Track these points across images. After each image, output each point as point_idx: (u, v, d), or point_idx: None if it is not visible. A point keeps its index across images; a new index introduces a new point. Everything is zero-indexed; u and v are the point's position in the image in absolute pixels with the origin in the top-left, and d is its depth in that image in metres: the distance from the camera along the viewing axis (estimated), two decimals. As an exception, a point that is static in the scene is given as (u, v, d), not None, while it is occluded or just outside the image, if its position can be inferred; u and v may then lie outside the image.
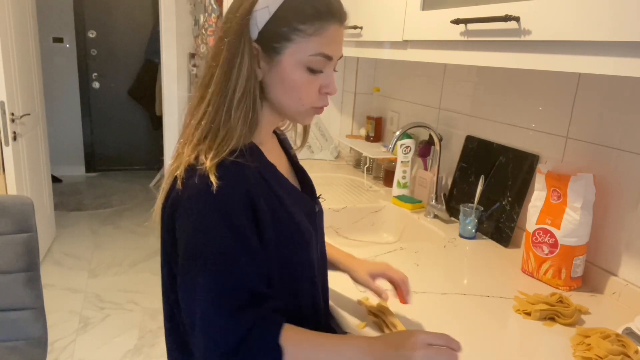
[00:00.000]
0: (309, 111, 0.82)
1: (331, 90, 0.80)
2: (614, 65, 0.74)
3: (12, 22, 2.60)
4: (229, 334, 0.69)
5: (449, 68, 1.75)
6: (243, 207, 0.73)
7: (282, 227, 0.80)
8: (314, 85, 0.79)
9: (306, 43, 0.75)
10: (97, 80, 4.91)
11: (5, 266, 1.40)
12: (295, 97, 0.79)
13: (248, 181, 0.75)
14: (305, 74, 0.77)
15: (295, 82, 0.77)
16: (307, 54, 0.76)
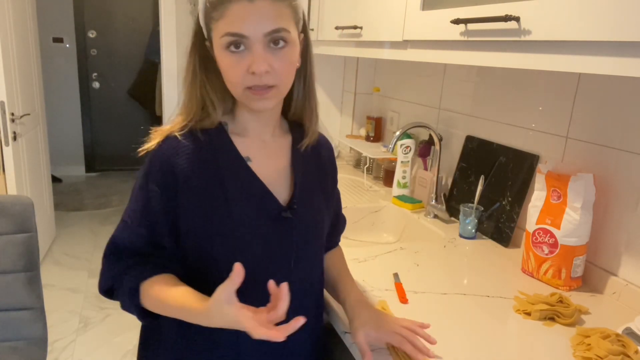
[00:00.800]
0: (245, 94, 0.81)
1: (255, 68, 0.78)
2: (614, 65, 0.74)
3: (12, 22, 2.60)
4: (102, 279, 0.87)
5: (449, 68, 1.75)
6: (158, 176, 0.82)
7: (210, 209, 0.83)
8: (240, 66, 0.79)
9: (217, 27, 0.79)
10: (97, 80, 4.91)
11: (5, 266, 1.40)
12: (228, 80, 0.82)
13: (176, 157, 0.82)
14: (229, 56, 0.79)
15: (223, 65, 0.81)
16: (219, 36, 0.79)
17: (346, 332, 0.94)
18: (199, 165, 0.83)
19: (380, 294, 1.09)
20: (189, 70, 0.86)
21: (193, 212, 0.83)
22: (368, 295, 1.07)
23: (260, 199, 0.86)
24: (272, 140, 0.92)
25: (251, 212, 0.85)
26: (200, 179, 0.83)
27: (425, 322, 0.97)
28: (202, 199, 0.83)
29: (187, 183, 0.82)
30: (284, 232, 0.87)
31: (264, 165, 0.88)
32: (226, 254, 0.83)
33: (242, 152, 0.87)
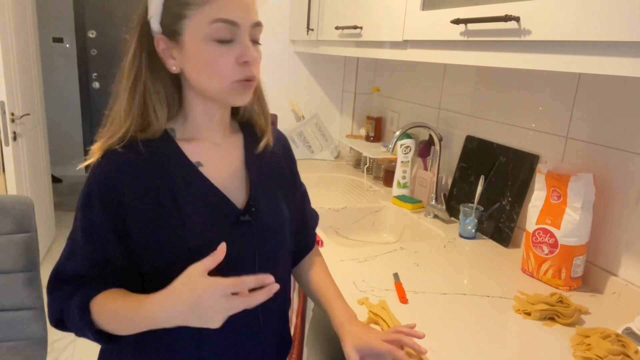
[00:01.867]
0: (233, 87, 0.77)
1: (249, 58, 0.74)
2: (614, 65, 0.74)
3: (12, 22, 2.60)
4: (50, 310, 0.80)
5: (449, 68, 1.75)
6: (101, 194, 0.76)
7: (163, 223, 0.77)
8: (229, 57, 0.74)
9: (201, 14, 0.73)
10: (97, 80, 4.91)
11: (5, 266, 1.40)
12: (212, 74, 0.76)
13: (119, 173, 0.76)
14: (215, 47, 0.74)
15: (207, 58, 0.74)
16: (206, 23, 0.73)
17: (346, 332, 0.94)
18: (145, 178, 0.77)
19: (380, 294, 1.09)
20: (132, 70, 0.78)
21: (144, 228, 0.77)
22: (367, 296, 1.07)
23: (216, 204, 0.81)
24: (224, 141, 0.87)
25: (207, 220, 0.79)
26: (148, 192, 0.77)
27: (425, 322, 0.98)
28: (152, 213, 0.77)
29: (134, 199, 0.76)
30: (244, 236, 0.82)
31: (217, 168, 0.83)
32: (182, 263, 0.74)
33: (191, 158, 0.81)
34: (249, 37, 0.76)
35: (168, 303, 0.68)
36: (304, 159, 2.39)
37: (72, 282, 0.79)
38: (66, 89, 4.82)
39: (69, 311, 0.77)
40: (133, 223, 0.77)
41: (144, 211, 0.77)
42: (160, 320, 0.69)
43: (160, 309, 0.69)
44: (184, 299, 0.67)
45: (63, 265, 0.80)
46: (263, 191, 0.87)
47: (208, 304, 0.66)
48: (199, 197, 0.80)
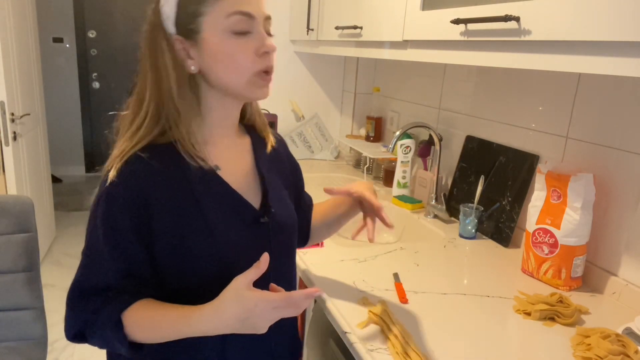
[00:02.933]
0: (253, 81, 0.77)
1: (268, 47, 0.76)
2: (614, 65, 0.74)
3: (12, 22, 2.60)
4: (70, 323, 0.78)
5: (449, 68, 1.75)
6: (127, 202, 0.74)
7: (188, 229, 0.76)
8: (248, 49, 0.75)
9: (219, 8, 0.74)
10: (97, 80, 4.91)
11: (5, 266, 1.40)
12: (234, 67, 0.76)
13: (144, 179, 0.75)
14: (233, 40, 0.75)
15: (227, 51, 0.75)
16: (223, 17, 0.74)
17: (346, 332, 0.94)
18: (168, 184, 0.77)
19: (380, 294, 1.09)
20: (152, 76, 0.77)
21: (170, 234, 0.77)
22: (368, 296, 1.07)
23: (235, 207, 0.82)
24: (234, 143, 0.88)
25: (230, 224, 0.80)
26: (172, 199, 0.77)
27: (426, 322, 0.98)
28: (177, 219, 0.77)
29: (159, 206, 0.76)
30: (262, 236, 0.84)
31: (232, 171, 0.84)
32: (209, 269, 0.78)
33: (209, 161, 0.81)
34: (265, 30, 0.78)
35: (218, 317, 0.70)
36: (304, 159, 2.39)
37: (98, 296, 0.77)
38: (66, 89, 4.82)
39: (95, 325, 0.76)
40: (159, 230, 0.76)
41: (169, 218, 0.76)
42: (207, 331, 0.71)
43: (209, 321, 0.70)
44: (235, 313, 0.69)
45: (85, 279, 0.78)
46: (274, 192, 0.89)
47: (260, 316, 0.69)
48: (220, 201, 0.81)
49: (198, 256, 0.78)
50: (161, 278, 0.80)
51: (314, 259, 1.24)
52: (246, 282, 0.69)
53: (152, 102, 0.78)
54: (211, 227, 0.78)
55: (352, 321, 0.97)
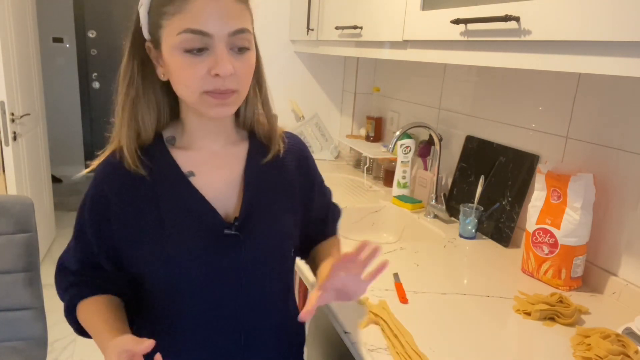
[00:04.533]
0: (203, 99, 0.74)
1: (220, 70, 0.71)
2: (614, 65, 0.74)
3: (12, 22, 2.60)
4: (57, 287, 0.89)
5: (449, 68, 1.75)
6: (92, 201, 0.82)
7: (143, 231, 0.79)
8: (199, 68, 0.72)
9: (172, 24, 0.71)
10: (97, 80, 4.91)
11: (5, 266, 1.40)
12: (183, 84, 0.74)
13: (108, 180, 0.80)
14: (185, 57, 0.72)
15: (177, 69, 0.73)
16: (175, 33, 0.71)
17: (346, 332, 0.94)
18: (131, 187, 0.79)
19: (380, 294, 1.09)
20: (125, 76, 0.78)
21: (127, 237, 0.79)
22: (367, 296, 1.07)
23: (200, 216, 0.79)
24: (224, 150, 0.85)
25: (189, 232, 0.78)
26: (132, 201, 0.78)
27: (426, 322, 0.98)
28: (135, 222, 0.78)
29: (119, 207, 0.79)
30: (230, 250, 0.79)
31: (211, 179, 0.82)
32: (165, 278, 0.78)
33: (185, 166, 0.81)
34: (228, 46, 0.72)
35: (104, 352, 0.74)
36: (304, 159, 2.39)
37: (68, 275, 0.87)
38: (66, 89, 4.82)
39: (64, 300, 0.87)
40: (116, 230, 0.80)
41: (127, 219, 0.79)
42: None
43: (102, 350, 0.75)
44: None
45: (63, 257, 0.89)
46: (260, 204, 0.84)
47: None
48: (183, 207, 0.79)
49: (151, 257, 0.78)
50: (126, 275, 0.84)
51: (314, 259, 1.24)
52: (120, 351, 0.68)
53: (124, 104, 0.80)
54: (166, 230, 0.78)
55: (352, 321, 0.97)
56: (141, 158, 0.80)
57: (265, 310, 0.86)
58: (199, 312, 0.81)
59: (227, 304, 0.82)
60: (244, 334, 0.84)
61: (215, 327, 0.83)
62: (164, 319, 0.83)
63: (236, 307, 0.82)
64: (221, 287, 0.81)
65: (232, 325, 0.83)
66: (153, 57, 0.78)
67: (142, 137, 0.81)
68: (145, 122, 0.81)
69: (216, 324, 0.82)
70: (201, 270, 0.79)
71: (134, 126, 0.80)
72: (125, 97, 0.79)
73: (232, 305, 0.82)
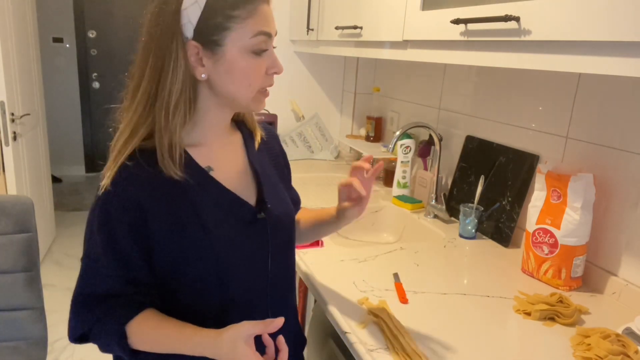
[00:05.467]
0: (257, 96, 0.81)
1: (278, 69, 0.80)
2: (614, 65, 0.74)
3: (12, 22, 2.60)
4: (72, 330, 0.81)
5: (449, 68, 1.75)
6: (122, 211, 0.76)
7: (184, 232, 0.78)
8: (261, 68, 0.79)
9: (245, 27, 0.75)
10: (97, 80, 4.91)
11: (5, 266, 1.40)
12: (245, 84, 0.79)
13: (137, 185, 0.76)
14: (252, 58, 0.77)
15: (244, 68, 0.77)
16: (248, 36, 0.76)
17: (346, 332, 0.94)
18: (161, 188, 0.78)
19: (380, 294, 1.09)
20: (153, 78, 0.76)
21: (166, 238, 0.78)
22: (367, 296, 1.07)
23: (231, 206, 0.83)
24: (226, 141, 0.89)
25: (225, 223, 0.81)
26: (166, 203, 0.78)
27: (426, 322, 0.98)
28: (172, 222, 0.78)
29: (154, 211, 0.77)
30: (259, 233, 0.85)
31: (226, 170, 0.85)
32: (208, 270, 0.80)
33: (201, 163, 0.83)
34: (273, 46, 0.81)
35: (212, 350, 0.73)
36: (304, 159, 2.39)
37: (98, 303, 0.80)
38: (66, 89, 4.82)
39: (100, 332, 0.79)
40: (155, 235, 0.78)
41: (165, 222, 0.78)
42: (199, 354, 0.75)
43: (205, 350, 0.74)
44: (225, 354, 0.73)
45: (87, 286, 0.81)
46: (269, 187, 0.90)
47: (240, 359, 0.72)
48: (215, 202, 0.82)
49: (196, 258, 0.79)
50: (162, 283, 0.81)
51: (314, 259, 1.24)
52: (246, 335, 0.71)
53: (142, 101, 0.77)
54: (207, 228, 0.79)
55: (352, 321, 0.97)
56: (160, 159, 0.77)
57: (285, 293, 0.93)
58: (240, 302, 0.84)
59: (259, 287, 0.86)
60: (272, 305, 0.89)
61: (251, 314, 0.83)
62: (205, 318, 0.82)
63: (265, 290, 0.88)
64: (255, 272, 0.85)
65: (261, 310, 0.88)
66: (192, 56, 0.76)
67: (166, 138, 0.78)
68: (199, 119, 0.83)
69: (251, 310, 0.86)
70: (238, 255, 0.82)
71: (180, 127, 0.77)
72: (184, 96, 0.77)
73: (261, 289, 0.87)
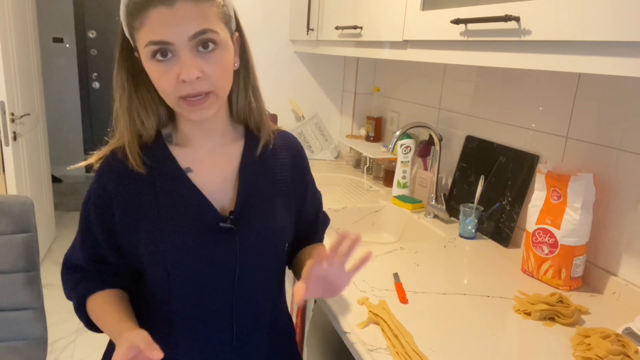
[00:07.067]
0: (180, 104, 0.76)
1: (184, 76, 0.72)
2: (614, 65, 0.74)
3: (12, 22, 2.60)
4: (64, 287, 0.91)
5: (449, 68, 1.75)
6: (96, 195, 0.84)
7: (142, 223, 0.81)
8: (170, 75, 0.73)
9: (139, 37, 0.74)
10: (97, 80, 4.92)
11: (5, 266, 1.40)
12: (160, 91, 0.78)
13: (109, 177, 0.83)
14: (156, 65, 0.74)
15: (152, 77, 0.77)
16: (142, 46, 0.74)
17: (346, 332, 0.94)
18: (132, 182, 0.82)
19: (380, 294, 1.09)
20: (117, 84, 0.82)
21: (128, 230, 0.82)
22: (367, 296, 1.07)
23: (197, 209, 0.81)
24: (220, 148, 0.87)
25: (184, 225, 0.80)
26: (133, 196, 0.82)
27: (426, 322, 0.98)
28: (135, 216, 0.81)
29: (120, 201, 0.82)
30: (226, 244, 0.81)
31: (208, 175, 0.84)
32: (160, 269, 0.81)
33: (183, 163, 0.83)
34: (193, 49, 0.73)
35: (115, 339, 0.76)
36: (304, 159, 2.39)
37: (74, 271, 0.89)
38: (66, 89, 4.82)
39: (71, 298, 0.89)
40: (119, 221, 0.83)
41: (128, 211, 0.82)
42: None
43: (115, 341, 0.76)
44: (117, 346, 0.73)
45: (70, 255, 0.91)
46: (256, 199, 0.85)
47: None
48: (180, 202, 0.82)
49: (148, 248, 0.81)
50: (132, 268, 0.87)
51: (314, 259, 1.24)
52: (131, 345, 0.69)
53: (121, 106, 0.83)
54: (164, 225, 0.81)
55: (352, 321, 0.97)
56: (142, 157, 0.82)
57: (257, 307, 0.88)
58: (193, 306, 0.84)
59: (221, 298, 0.84)
60: (236, 329, 0.86)
61: (208, 322, 0.84)
62: (159, 313, 0.85)
63: (229, 302, 0.84)
64: (215, 281, 0.83)
65: (224, 321, 0.85)
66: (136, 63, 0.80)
67: (144, 137, 0.84)
68: (145, 124, 0.84)
69: (209, 318, 0.84)
70: (196, 262, 0.81)
71: (134, 129, 0.83)
72: (121, 101, 0.82)
73: (225, 299, 0.84)
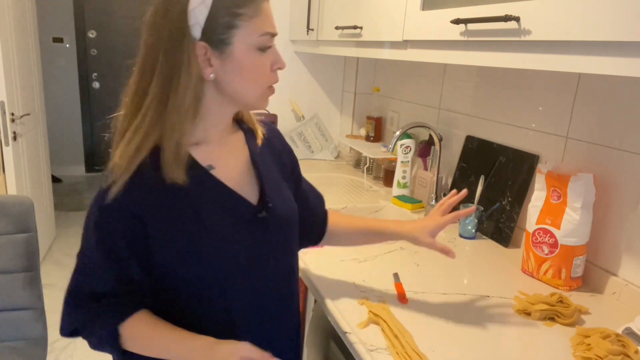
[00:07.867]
0: (265, 93, 0.83)
1: (281, 65, 0.82)
2: (614, 65, 0.74)
3: (12, 22, 2.60)
4: (64, 324, 0.82)
5: (449, 68, 1.75)
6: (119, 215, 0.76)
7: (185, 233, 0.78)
8: (267, 65, 0.80)
9: (251, 25, 0.76)
10: (97, 80, 4.91)
11: (5, 266, 1.40)
12: (253, 81, 0.80)
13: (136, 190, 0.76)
14: (258, 55, 0.78)
15: (252, 66, 0.79)
16: (256, 35, 0.77)
17: (346, 332, 0.94)
18: (161, 191, 0.77)
19: (380, 294, 1.09)
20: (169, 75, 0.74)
21: (165, 239, 0.78)
22: (367, 296, 1.08)
23: (232, 205, 0.83)
24: (228, 140, 0.88)
25: (226, 222, 0.81)
26: (165, 203, 0.77)
27: (426, 322, 0.98)
28: (172, 223, 0.78)
29: (152, 213, 0.77)
30: (261, 232, 0.85)
31: (227, 169, 0.85)
32: (210, 269, 0.80)
33: (202, 161, 0.82)
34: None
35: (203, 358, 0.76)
36: (304, 159, 2.39)
37: (96, 302, 0.79)
38: (66, 89, 4.82)
39: (93, 332, 0.80)
40: (155, 238, 0.77)
41: (165, 224, 0.77)
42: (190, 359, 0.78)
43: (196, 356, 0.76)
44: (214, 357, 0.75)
45: (82, 283, 0.81)
46: (272, 185, 0.90)
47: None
48: (216, 201, 0.81)
49: (197, 257, 0.78)
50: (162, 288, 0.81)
51: (314, 259, 1.24)
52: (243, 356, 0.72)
53: (153, 104, 0.75)
54: (208, 228, 0.79)
55: (352, 321, 0.97)
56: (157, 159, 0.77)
57: (287, 295, 0.92)
58: (247, 301, 0.84)
59: (261, 292, 0.86)
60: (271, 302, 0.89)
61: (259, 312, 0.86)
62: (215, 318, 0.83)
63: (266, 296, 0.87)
64: (253, 267, 0.84)
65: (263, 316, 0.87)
66: (201, 56, 0.76)
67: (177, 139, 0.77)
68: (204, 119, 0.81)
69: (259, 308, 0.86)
70: (246, 259, 0.83)
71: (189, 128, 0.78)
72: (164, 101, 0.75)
73: (263, 295, 0.86)
